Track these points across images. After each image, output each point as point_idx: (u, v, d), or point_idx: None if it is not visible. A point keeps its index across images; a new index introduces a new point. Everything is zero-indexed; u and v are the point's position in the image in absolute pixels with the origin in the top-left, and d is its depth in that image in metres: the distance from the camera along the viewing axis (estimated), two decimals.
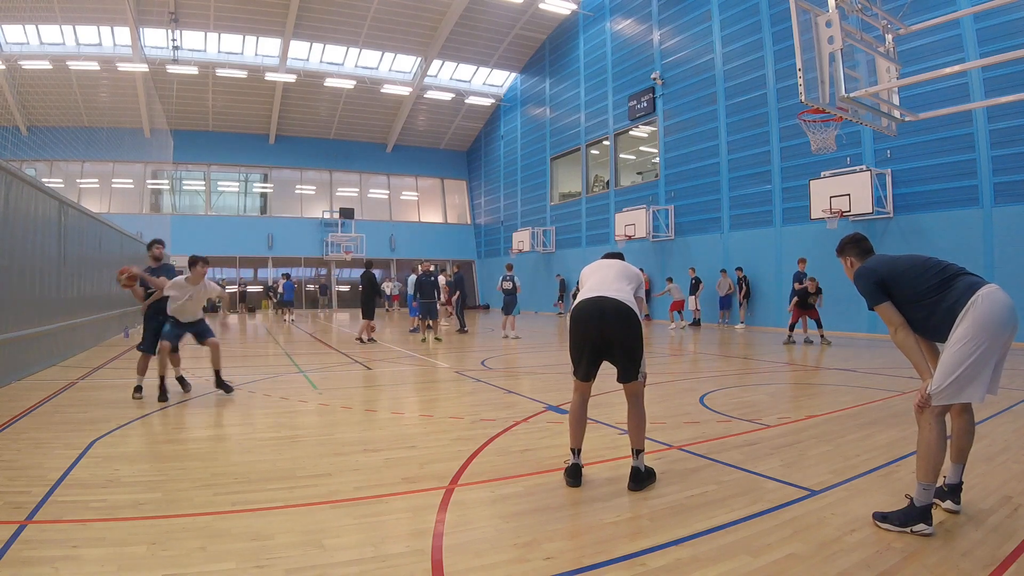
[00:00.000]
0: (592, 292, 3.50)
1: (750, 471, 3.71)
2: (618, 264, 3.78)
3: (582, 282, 3.75)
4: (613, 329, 3.38)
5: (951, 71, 8.41)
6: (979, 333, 2.71)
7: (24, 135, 21.52)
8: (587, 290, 3.56)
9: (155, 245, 6.85)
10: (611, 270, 3.69)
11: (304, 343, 13.04)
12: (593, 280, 3.62)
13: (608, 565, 2.47)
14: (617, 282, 3.55)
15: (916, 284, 2.90)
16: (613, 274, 3.64)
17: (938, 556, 2.53)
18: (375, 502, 3.22)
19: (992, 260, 11.18)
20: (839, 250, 3.31)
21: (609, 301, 3.41)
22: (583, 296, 3.53)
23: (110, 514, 3.01)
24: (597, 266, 3.81)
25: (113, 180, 27.25)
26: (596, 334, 3.41)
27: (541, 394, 6.50)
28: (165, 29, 23.08)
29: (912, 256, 3.05)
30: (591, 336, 3.42)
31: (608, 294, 3.45)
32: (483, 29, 25.62)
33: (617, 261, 3.83)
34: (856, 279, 3.11)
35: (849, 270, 3.26)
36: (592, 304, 3.43)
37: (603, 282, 3.56)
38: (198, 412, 5.75)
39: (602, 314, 3.39)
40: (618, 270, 3.69)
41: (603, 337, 3.40)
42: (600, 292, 3.47)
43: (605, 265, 3.78)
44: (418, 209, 33.73)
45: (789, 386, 7.37)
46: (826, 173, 13.52)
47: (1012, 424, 4.93)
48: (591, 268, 3.82)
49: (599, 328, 3.39)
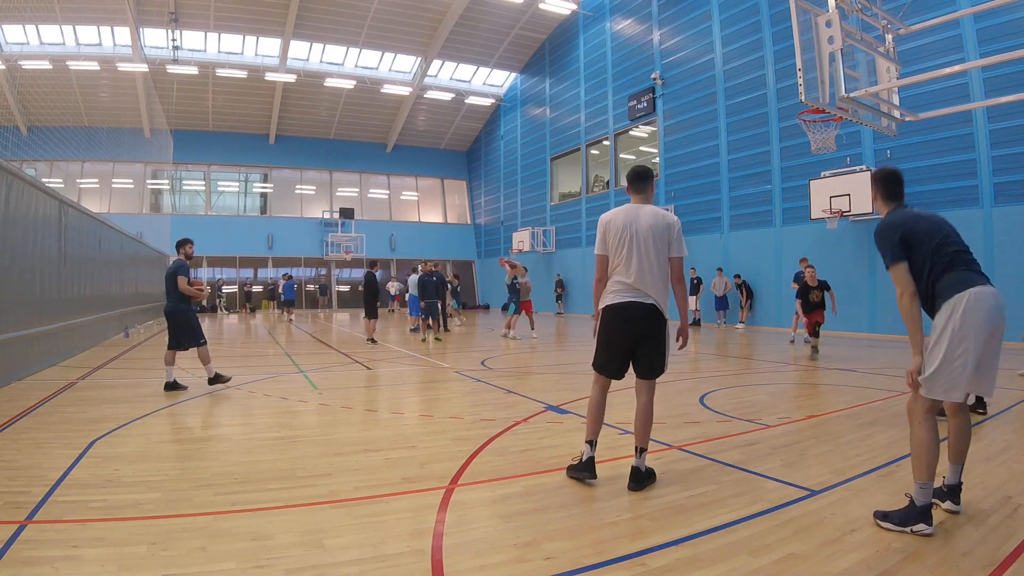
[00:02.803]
0: (629, 293, 3.41)
1: (750, 471, 3.71)
2: (659, 230, 3.42)
3: (613, 245, 3.45)
4: (644, 329, 3.43)
5: (951, 71, 8.42)
6: (959, 332, 2.74)
7: (24, 135, 21.54)
8: (623, 285, 3.42)
9: (188, 244, 7.20)
10: (650, 244, 3.40)
11: (304, 343, 13.04)
12: (634, 266, 3.39)
13: (608, 565, 2.47)
14: (653, 272, 3.40)
15: (923, 253, 2.85)
16: (653, 255, 3.40)
17: (938, 556, 2.53)
18: (375, 502, 3.22)
19: (992, 260, 11.17)
20: (873, 177, 3.18)
21: (649, 307, 3.40)
22: (619, 295, 3.43)
23: (110, 514, 3.01)
24: (634, 237, 3.42)
25: (113, 180, 27.25)
26: (631, 336, 3.44)
27: (541, 394, 6.50)
28: (165, 29, 23.08)
29: (932, 222, 2.92)
30: (626, 338, 3.44)
31: (643, 299, 3.40)
32: (483, 29, 25.62)
33: (655, 222, 3.44)
34: (876, 233, 2.98)
35: (875, 203, 3.15)
36: (629, 311, 3.41)
37: (641, 274, 3.39)
38: (198, 412, 5.75)
39: (639, 321, 3.42)
40: (658, 242, 3.41)
41: (636, 337, 3.44)
42: (639, 295, 3.40)
43: (645, 232, 3.41)
44: (418, 209, 33.73)
45: (789, 386, 7.37)
46: (826, 173, 13.52)
47: (1012, 424, 4.93)
48: (622, 233, 3.43)
49: (633, 330, 3.43)
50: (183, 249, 7.13)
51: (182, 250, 7.13)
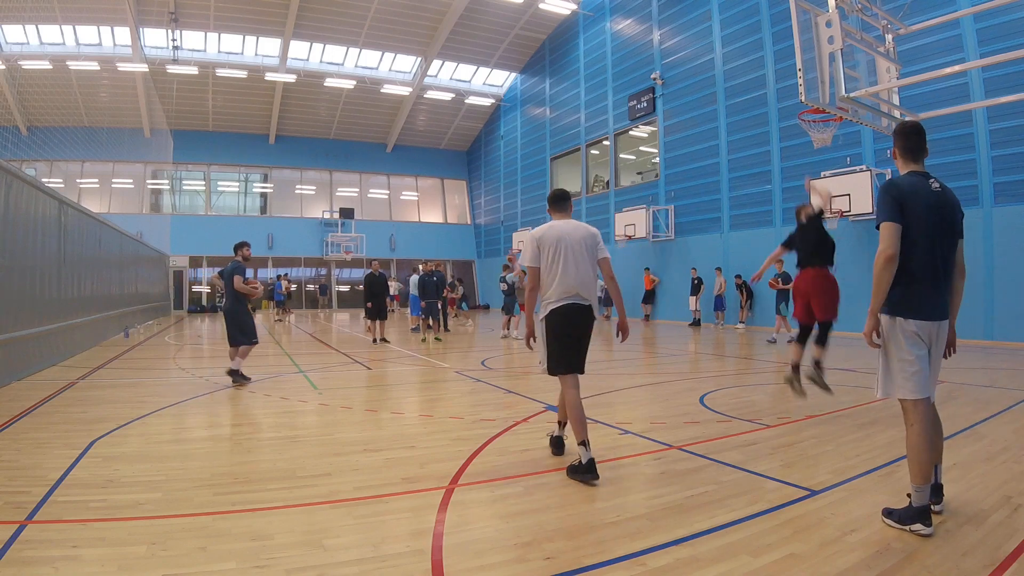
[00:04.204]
0: (570, 296, 3.81)
1: (750, 471, 3.71)
2: (586, 242, 3.87)
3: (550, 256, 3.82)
4: (585, 328, 3.89)
5: (951, 71, 8.42)
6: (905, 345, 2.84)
7: (24, 135, 21.54)
8: (565, 289, 3.80)
9: (245, 247, 7.53)
10: (583, 254, 3.84)
11: (304, 343, 13.04)
12: (571, 272, 3.80)
13: (608, 565, 2.47)
14: (590, 276, 3.87)
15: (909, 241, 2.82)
16: (587, 262, 3.85)
17: (938, 556, 2.52)
18: (375, 502, 3.22)
19: (992, 260, 11.18)
20: (895, 132, 3.09)
21: (586, 308, 3.85)
22: (562, 298, 3.80)
23: (110, 514, 3.01)
24: (568, 245, 3.83)
25: (113, 180, 27.24)
26: (576, 333, 3.85)
27: (541, 394, 6.49)
28: (165, 29, 23.08)
29: (930, 209, 2.83)
30: (575, 335, 3.84)
31: (585, 302, 3.85)
32: (483, 29, 25.62)
33: (583, 234, 3.89)
34: (881, 188, 2.89)
35: (896, 160, 3.07)
36: (574, 313, 3.82)
37: (579, 277, 3.81)
38: (198, 412, 5.76)
39: (584, 318, 3.86)
40: (589, 251, 3.87)
41: (579, 334, 3.87)
42: (579, 298, 3.82)
43: (577, 244, 3.85)
44: (418, 209, 33.73)
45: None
46: (826, 173, 13.51)
47: (1012, 424, 4.93)
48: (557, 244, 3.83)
49: (578, 328, 3.84)
50: (240, 251, 7.48)
51: (239, 252, 7.47)
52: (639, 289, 19.85)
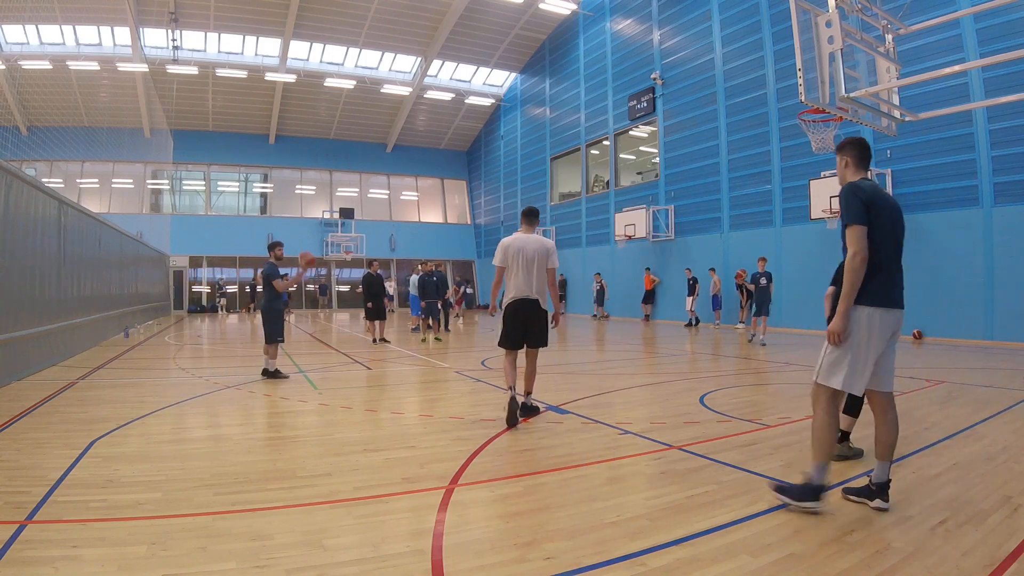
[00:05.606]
0: (521, 294, 5.03)
1: (750, 471, 3.71)
2: (539, 253, 5.05)
3: (510, 262, 5.06)
4: (531, 316, 5.06)
5: (951, 71, 8.41)
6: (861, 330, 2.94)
7: (24, 135, 21.55)
8: (517, 289, 5.04)
9: (279, 246, 7.80)
10: (534, 263, 5.03)
11: (304, 343, 13.04)
12: (522, 276, 5.02)
13: (608, 565, 2.47)
14: (539, 280, 5.04)
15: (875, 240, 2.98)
16: (536, 268, 5.03)
17: (938, 556, 2.52)
18: (375, 502, 3.22)
19: (992, 260, 11.18)
20: (839, 147, 3.28)
21: (532, 302, 5.04)
22: (515, 295, 5.05)
23: (110, 514, 3.01)
24: (524, 256, 5.04)
25: (113, 180, 27.24)
26: (522, 321, 5.05)
27: (541, 394, 6.49)
28: (165, 29, 23.07)
29: (894, 219, 3.07)
30: (520, 322, 5.06)
31: (528, 296, 5.02)
32: (483, 29, 25.62)
33: (537, 247, 5.05)
34: (844, 191, 3.09)
35: (842, 171, 3.26)
36: (522, 305, 5.05)
37: (529, 281, 5.02)
38: (198, 412, 5.76)
39: (528, 312, 5.05)
40: (539, 260, 5.05)
41: (526, 321, 5.05)
42: (527, 295, 5.03)
43: (531, 255, 5.03)
44: (418, 209, 33.73)
45: (789, 386, 7.36)
46: (826, 173, 13.51)
47: (1012, 424, 4.93)
48: (517, 254, 5.05)
49: (525, 320, 5.05)
50: (274, 251, 7.71)
51: (273, 252, 7.70)
52: (639, 289, 19.86)
